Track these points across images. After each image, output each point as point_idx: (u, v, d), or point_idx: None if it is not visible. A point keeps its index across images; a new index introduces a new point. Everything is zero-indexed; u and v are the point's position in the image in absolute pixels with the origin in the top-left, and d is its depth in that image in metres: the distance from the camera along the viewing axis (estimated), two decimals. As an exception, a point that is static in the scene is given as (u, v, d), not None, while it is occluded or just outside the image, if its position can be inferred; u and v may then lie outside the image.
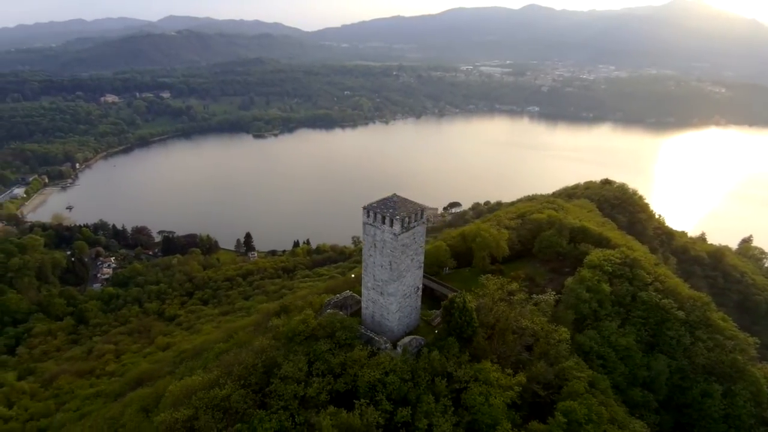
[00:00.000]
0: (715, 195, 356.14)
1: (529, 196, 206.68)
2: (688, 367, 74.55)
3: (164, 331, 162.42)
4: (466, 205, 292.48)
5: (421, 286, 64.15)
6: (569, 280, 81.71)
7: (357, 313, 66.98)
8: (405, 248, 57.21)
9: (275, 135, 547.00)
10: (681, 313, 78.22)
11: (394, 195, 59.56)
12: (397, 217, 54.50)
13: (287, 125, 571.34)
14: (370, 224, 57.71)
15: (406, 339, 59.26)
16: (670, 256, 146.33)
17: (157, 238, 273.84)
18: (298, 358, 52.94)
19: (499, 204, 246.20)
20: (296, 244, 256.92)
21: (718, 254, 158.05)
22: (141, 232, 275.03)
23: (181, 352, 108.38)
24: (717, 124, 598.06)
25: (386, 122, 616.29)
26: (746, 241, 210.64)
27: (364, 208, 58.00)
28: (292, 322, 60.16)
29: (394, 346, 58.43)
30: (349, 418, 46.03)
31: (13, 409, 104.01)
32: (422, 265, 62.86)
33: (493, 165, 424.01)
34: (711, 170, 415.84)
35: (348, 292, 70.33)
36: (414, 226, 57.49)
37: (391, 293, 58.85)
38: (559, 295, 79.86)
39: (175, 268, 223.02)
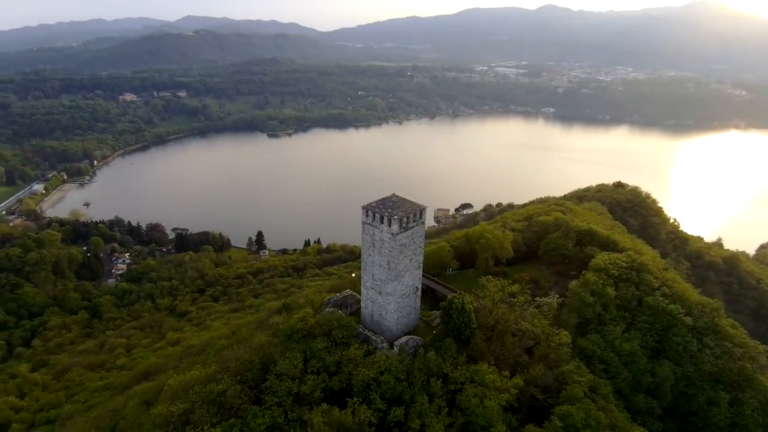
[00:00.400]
0: (735, 200, 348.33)
1: (541, 198, 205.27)
2: (694, 374, 73.04)
3: (175, 327, 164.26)
4: (478, 207, 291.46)
5: (420, 286, 64.02)
6: (573, 283, 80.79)
7: (357, 312, 67.15)
8: (403, 248, 57.22)
9: (289, 134, 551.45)
10: (688, 319, 76.73)
11: (393, 195, 59.61)
12: (395, 216, 54.54)
13: (301, 125, 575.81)
14: (369, 224, 57.86)
15: (403, 339, 59.33)
16: (683, 261, 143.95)
17: (171, 235, 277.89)
18: (294, 355, 53.35)
19: (510, 206, 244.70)
20: (307, 243, 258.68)
21: (733, 260, 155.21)
22: (155, 229, 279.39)
23: (188, 347, 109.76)
24: (737, 127, 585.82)
25: (400, 123, 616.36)
26: (764, 248, 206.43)
27: (363, 207, 58.19)
28: (291, 319, 60.59)
29: (392, 345, 58.48)
30: (341, 416, 46.25)
31: (25, 400, 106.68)
32: (421, 265, 62.75)
33: (506, 167, 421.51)
34: (731, 175, 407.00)
35: (348, 291, 70.54)
36: (412, 227, 57.46)
37: (390, 293, 58.92)
38: (564, 299, 79.04)
39: (188, 265, 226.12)
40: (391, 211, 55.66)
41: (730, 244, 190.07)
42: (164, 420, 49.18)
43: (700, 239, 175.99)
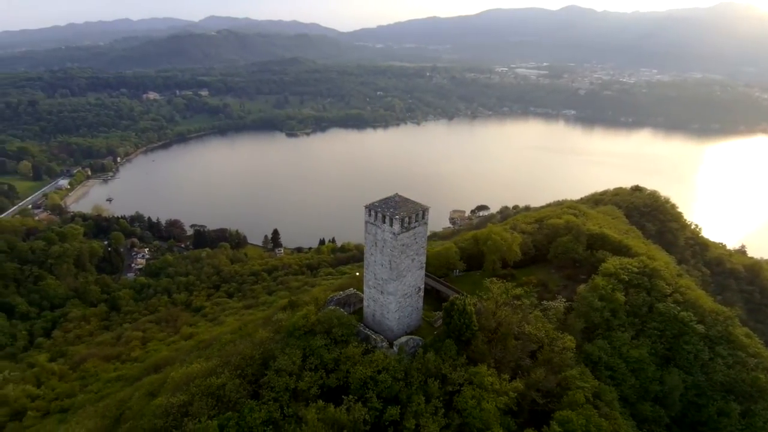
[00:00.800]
0: (762, 207, 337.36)
1: (558, 201, 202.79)
2: (705, 383, 71.34)
3: (190, 322, 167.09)
4: (494, 209, 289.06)
5: (422, 286, 63.95)
6: (582, 287, 79.65)
7: (360, 311, 67.40)
8: (405, 248, 57.30)
9: (307, 134, 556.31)
10: (701, 327, 74.86)
11: (396, 195, 59.74)
12: (397, 216, 54.64)
13: (320, 124, 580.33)
14: (372, 223, 58.11)
15: (403, 338, 59.35)
16: (701, 268, 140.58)
17: (189, 232, 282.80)
18: (294, 351, 53.99)
19: (527, 208, 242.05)
20: (322, 242, 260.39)
21: (755, 268, 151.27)
22: (174, 225, 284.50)
23: (199, 341, 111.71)
24: (765, 131, 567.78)
25: (418, 123, 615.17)
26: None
27: (366, 206, 58.44)
28: (293, 316, 61.22)
29: (392, 345, 58.56)
30: (336, 413, 46.51)
31: (42, 389, 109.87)
32: (424, 265, 62.67)
33: (524, 169, 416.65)
34: (759, 181, 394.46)
35: (352, 290, 70.93)
36: (414, 227, 57.48)
37: (391, 292, 59.06)
38: (571, 303, 77.98)
39: (204, 261, 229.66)
40: (393, 211, 55.79)
41: (755, 252, 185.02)
42: (164, 411, 50.31)
43: (721, 246, 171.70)
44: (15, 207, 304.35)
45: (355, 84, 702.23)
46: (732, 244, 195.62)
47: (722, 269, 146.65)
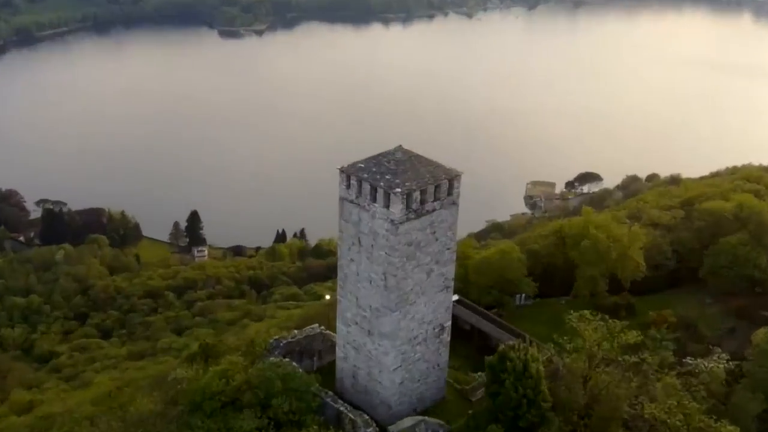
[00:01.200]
0: None
1: (731, 168, 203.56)
2: None
3: (29, 381, 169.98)
4: (611, 181, 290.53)
5: (449, 324, 64.45)
6: (762, 332, 79.36)
7: (331, 367, 68.30)
8: (414, 249, 56.92)
9: (259, 33, 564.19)
10: None
11: (399, 148, 59.25)
12: (398, 189, 53.74)
13: (282, 15, 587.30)
14: (351, 201, 57.85)
15: (408, 421, 59.64)
16: None
17: (35, 213, 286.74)
18: (198, 441, 54.34)
19: (673, 180, 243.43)
20: (280, 237, 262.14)
21: None
22: (8, 200, 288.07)
23: (41, 417, 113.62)
24: None
25: (469, 15, 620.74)
26: None
27: (342, 170, 58.18)
28: (205, 374, 61.65)
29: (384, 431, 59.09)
30: None
31: None
32: (451, 284, 62.99)
33: (671, 106, 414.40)
34: None
35: (315, 328, 71.64)
36: (431, 210, 56.77)
37: (387, 334, 59.04)
38: (740, 363, 78.11)
39: (61, 268, 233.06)
40: (391, 179, 55.14)
41: None
42: None
43: None
44: None
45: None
46: None
47: None
